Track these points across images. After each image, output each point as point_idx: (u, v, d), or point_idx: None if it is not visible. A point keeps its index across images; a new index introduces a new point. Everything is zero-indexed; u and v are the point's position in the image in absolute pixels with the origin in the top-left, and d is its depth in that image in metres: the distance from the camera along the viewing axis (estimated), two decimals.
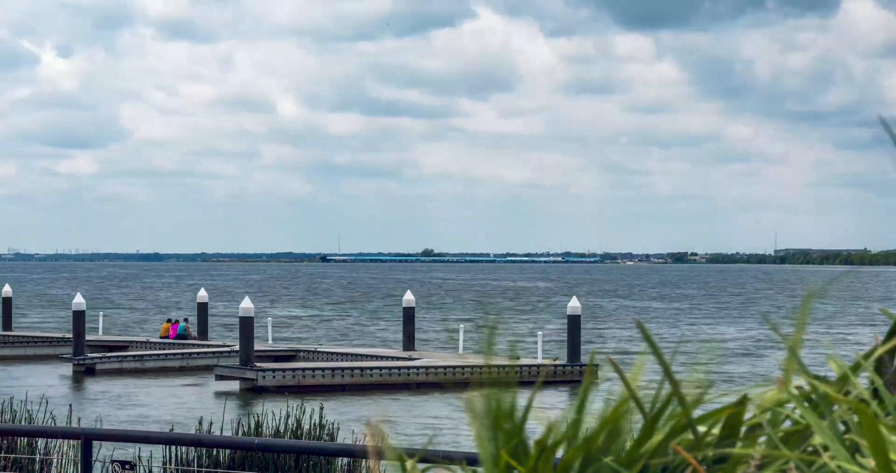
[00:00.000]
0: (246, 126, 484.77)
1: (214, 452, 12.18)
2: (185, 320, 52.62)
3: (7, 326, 54.00)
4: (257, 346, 41.22)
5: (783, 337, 2.12)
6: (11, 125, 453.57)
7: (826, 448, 1.93)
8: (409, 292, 47.08)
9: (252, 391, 37.28)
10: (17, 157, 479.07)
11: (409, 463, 2.09)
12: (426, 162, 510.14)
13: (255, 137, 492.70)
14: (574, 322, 40.98)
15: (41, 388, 31.65)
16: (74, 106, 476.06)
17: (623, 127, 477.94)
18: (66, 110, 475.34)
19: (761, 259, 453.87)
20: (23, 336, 52.36)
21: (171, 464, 12.01)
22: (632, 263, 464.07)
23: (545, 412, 2.12)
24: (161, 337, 50.93)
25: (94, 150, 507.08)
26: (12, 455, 12.02)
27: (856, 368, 2.07)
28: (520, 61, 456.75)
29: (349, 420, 24.17)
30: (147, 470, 11.95)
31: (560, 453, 2.03)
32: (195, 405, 33.69)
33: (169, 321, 52.54)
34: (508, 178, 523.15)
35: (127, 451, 11.38)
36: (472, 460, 2.14)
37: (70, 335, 45.26)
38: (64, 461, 11.93)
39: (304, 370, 39.29)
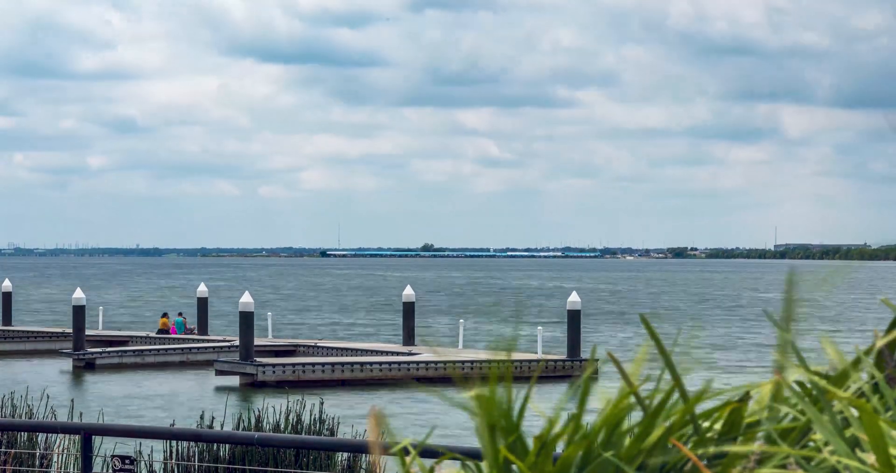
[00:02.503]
0: (246, 120, 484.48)
1: (214, 447, 12.19)
2: (180, 314, 52.72)
3: (7, 321, 54.01)
4: (257, 341, 41.22)
5: (781, 332, 2.12)
6: (12, 119, 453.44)
7: (826, 444, 1.93)
8: (408, 286, 47.08)
9: (252, 386, 37.29)
10: (18, 151, 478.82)
11: (409, 457, 2.10)
12: (425, 156, 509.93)
13: (254, 131, 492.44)
14: (574, 318, 40.98)
15: (41, 383, 31.66)
16: (76, 101, 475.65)
17: (621, 123, 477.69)
18: (68, 105, 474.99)
19: (761, 254, 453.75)
20: (23, 331, 52.37)
21: (171, 459, 12.02)
22: (631, 258, 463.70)
23: (545, 407, 2.12)
24: (159, 331, 50.94)
25: (94, 145, 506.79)
26: (13, 450, 12.02)
27: (856, 363, 2.07)
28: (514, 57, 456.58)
29: (349, 414, 24.16)
30: (147, 465, 11.96)
31: (560, 448, 2.03)
32: (195, 400, 33.71)
33: (165, 315, 52.53)
34: (507, 172, 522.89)
35: (127, 446, 11.38)
36: (472, 454, 2.14)
37: (70, 330, 45.27)
38: (64, 456, 11.92)
39: (304, 364, 39.31)
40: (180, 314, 52.52)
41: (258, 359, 39.00)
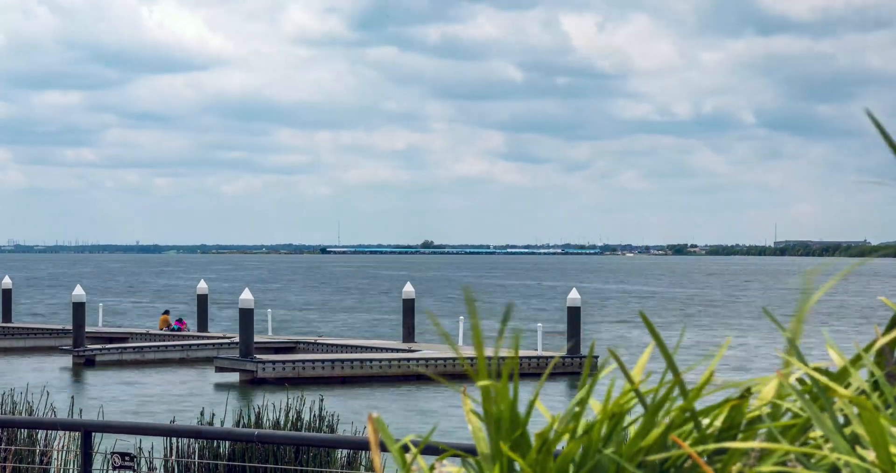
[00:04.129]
0: (245, 119, 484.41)
1: (214, 444, 12.19)
2: (167, 312, 52.86)
3: (7, 317, 53.99)
4: (257, 338, 41.19)
5: (782, 329, 2.12)
6: (13, 116, 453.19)
7: (826, 441, 1.93)
8: (408, 283, 47.09)
9: (252, 383, 37.28)
10: (17, 146, 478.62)
11: (409, 455, 2.10)
12: (425, 153, 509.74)
13: (254, 129, 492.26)
14: (574, 314, 40.98)
15: (41, 379, 31.68)
16: (75, 97, 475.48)
17: (618, 120, 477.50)
18: (67, 102, 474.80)
19: (761, 251, 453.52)
20: (23, 328, 52.35)
21: (171, 456, 12.02)
22: (631, 255, 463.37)
23: (546, 404, 2.12)
24: (160, 329, 50.95)
25: (93, 142, 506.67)
26: (13, 447, 12.02)
27: (856, 360, 2.07)
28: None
29: (349, 411, 24.16)
30: (147, 462, 11.96)
31: (561, 446, 2.03)
32: (195, 396, 33.70)
33: (166, 312, 52.51)
34: (507, 169, 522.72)
35: (127, 443, 11.38)
36: (473, 451, 2.14)
37: (70, 327, 45.26)
38: (64, 453, 11.93)
39: (303, 361, 39.28)
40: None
41: (258, 356, 38.99)
